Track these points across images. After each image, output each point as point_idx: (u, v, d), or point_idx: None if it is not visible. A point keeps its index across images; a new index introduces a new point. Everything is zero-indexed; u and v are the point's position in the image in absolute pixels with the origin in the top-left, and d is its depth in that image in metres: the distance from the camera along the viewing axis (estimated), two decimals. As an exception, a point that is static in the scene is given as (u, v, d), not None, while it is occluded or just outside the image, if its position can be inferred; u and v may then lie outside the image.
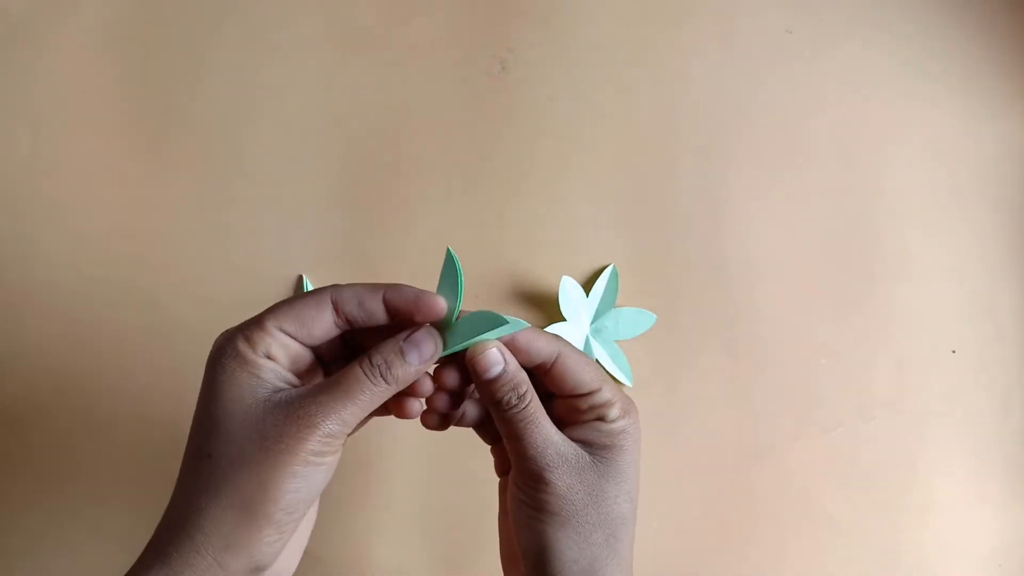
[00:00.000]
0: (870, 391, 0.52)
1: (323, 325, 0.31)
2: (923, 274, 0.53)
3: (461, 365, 0.33)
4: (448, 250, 0.34)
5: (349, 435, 0.31)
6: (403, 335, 0.32)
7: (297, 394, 0.30)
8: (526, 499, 0.33)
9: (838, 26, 0.54)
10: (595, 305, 0.51)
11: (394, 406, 0.33)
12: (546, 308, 0.52)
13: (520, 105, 0.53)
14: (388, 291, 0.32)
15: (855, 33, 0.54)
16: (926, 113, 0.54)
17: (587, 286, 0.52)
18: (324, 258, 0.51)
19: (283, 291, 0.51)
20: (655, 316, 0.51)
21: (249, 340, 0.30)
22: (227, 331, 0.31)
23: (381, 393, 0.31)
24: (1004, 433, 0.53)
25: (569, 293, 0.50)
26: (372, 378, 0.30)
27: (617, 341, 0.51)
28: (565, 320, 0.50)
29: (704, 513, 0.51)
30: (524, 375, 0.33)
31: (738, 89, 0.54)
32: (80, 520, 0.49)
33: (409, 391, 0.33)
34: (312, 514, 0.34)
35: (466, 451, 0.50)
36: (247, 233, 0.51)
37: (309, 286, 0.50)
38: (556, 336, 0.35)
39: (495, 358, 0.33)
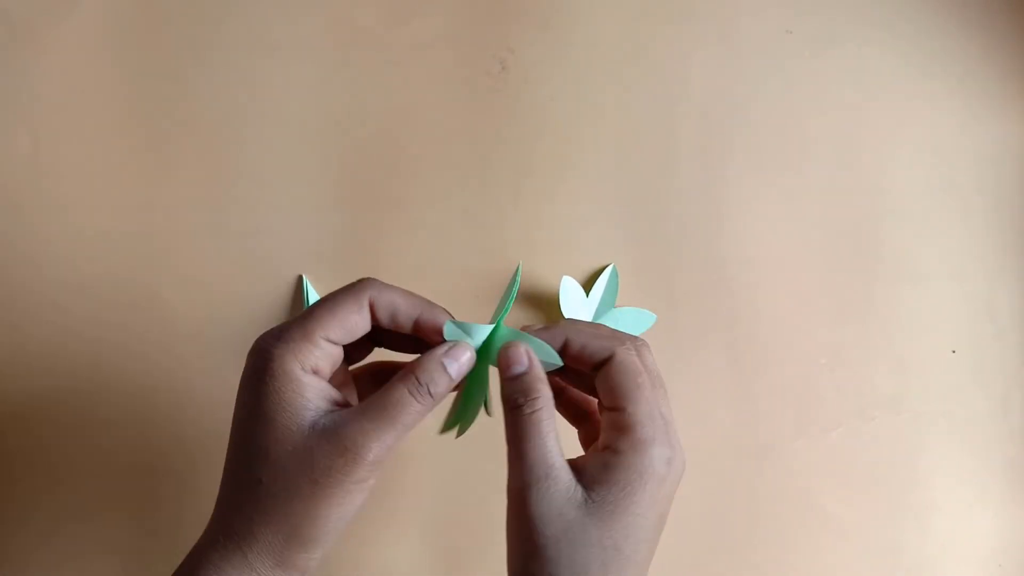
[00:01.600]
0: (870, 391, 0.52)
1: (363, 326, 0.32)
2: (923, 274, 0.53)
3: None
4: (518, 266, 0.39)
5: None
6: (442, 350, 0.32)
7: (343, 420, 0.30)
8: (510, 513, 0.32)
9: (838, 26, 0.54)
10: (595, 305, 0.51)
11: None
12: (546, 308, 0.52)
13: (520, 105, 0.53)
14: (423, 314, 0.33)
15: (855, 33, 0.54)
16: (926, 113, 0.54)
17: (587, 286, 0.52)
18: (324, 258, 0.51)
19: (283, 291, 0.51)
20: (655, 316, 0.51)
21: (298, 356, 0.30)
22: (271, 340, 0.31)
23: (423, 411, 0.31)
24: (1004, 433, 0.53)
25: (569, 293, 0.50)
26: (419, 398, 0.31)
27: (617, 341, 0.51)
28: (565, 320, 0.50)
29: (704, 513, 0.51)
30: (545, 388, 0.32)
31: (738, 89, 0.54)
32: (85, 524, 0.49)
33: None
34: None
35: (467, 451, 0.50)
36: (247, 233, 0.51)
37: (309, 287, 0.50)
38: (619, 335, 0.34)
39: (520, 358, 0.33)
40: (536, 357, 0.33)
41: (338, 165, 0.52)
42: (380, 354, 0.37)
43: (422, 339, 0.34)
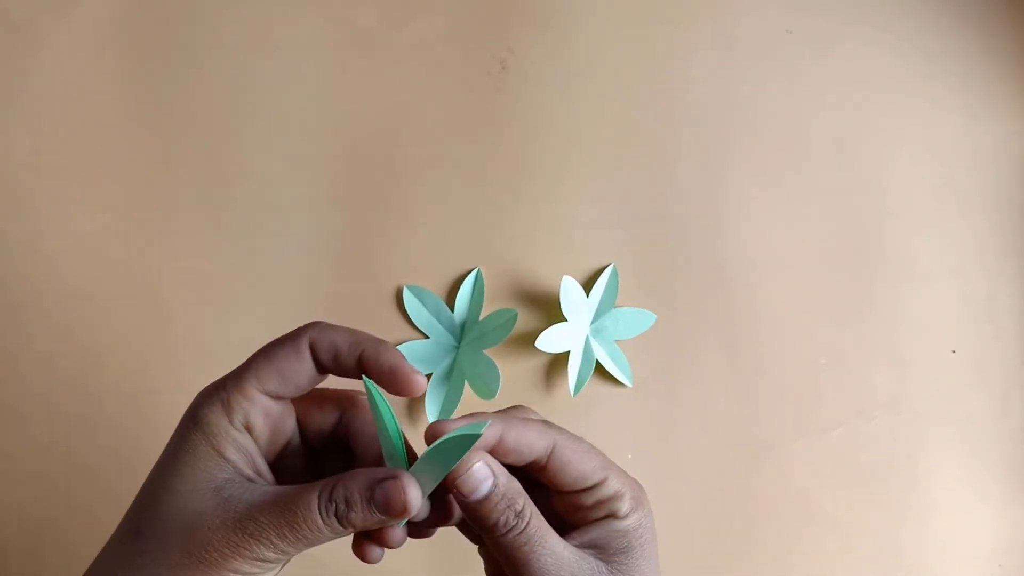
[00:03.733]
0: (870, 391, 0.52)
1: (307, 374, 0.29)
2: (923, 274, 0.53)
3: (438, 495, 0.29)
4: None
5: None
6: (379, 474, 0.27)
7: (245, 501, 0.26)
8: None
9: (838, 26, 0.54)
10: (595, 305, 0.51)
11: (354, 546, 0.30)
12: (546, 308, 0.52)
13: (520, 105, 0.53)
14: (366, 350, 0.28)
15: (855, 33, 0.54)
16: (926, 113, 0.54)
17: (587, 286, 0.52)
18: (324, 258, 0.51)
19: (284, 290, 0.51)
20: (655, 316, 0.51)
21: (227, 407, 0.27)
22: (206, 390, 0.28)
23: (331, 534, 0.27)
24: (1004, 433, 0.53)
25: (569, 293, 0.50)
26: (326, 517, 0.26)
27: (617, 341, 0.51)
28: (565, 320, 0.50)
29: (704, 513, 0.51)
30: (517, 484, 0.28)
31: (738, 89, 0.54)
32: (81, 521, 0.49)
33: (375, 538, 0.29)
34: None
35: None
36: (247, 233, 0.51)
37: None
38: (547, 424, 0.30)
39: (483, 474, 0.27)
40: (495, 461, 0.28)
41: (338, 165, 0.52)
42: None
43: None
